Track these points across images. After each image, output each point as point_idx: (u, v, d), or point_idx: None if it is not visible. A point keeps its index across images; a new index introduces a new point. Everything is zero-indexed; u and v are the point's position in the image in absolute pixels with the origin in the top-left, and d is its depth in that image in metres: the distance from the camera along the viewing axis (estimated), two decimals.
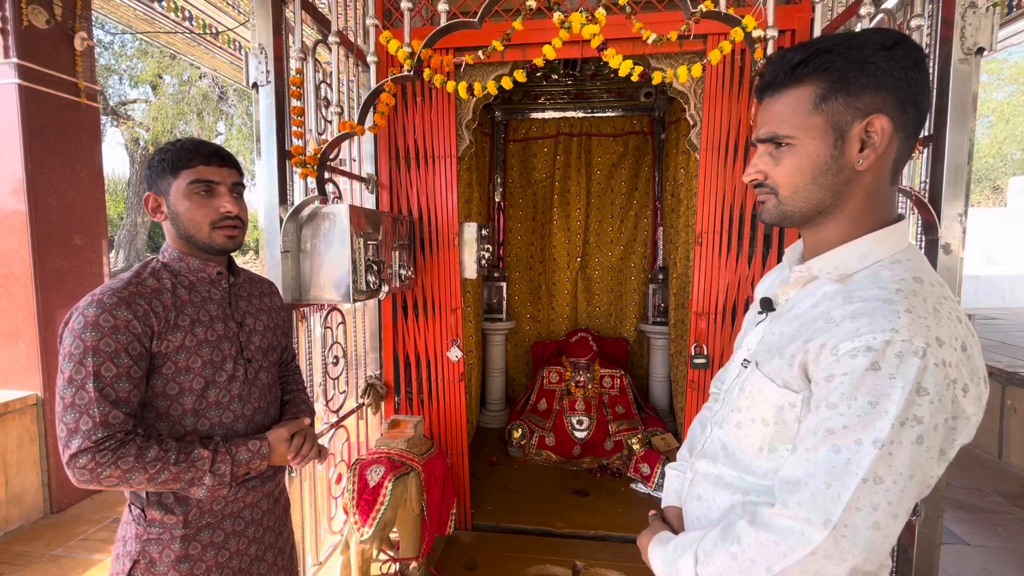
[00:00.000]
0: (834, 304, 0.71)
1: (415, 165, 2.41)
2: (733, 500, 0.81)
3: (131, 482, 0.96)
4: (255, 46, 1.72)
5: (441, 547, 2.40)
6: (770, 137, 0.77)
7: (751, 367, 0.82)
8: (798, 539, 0.66)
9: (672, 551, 0.82)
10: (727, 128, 2.16)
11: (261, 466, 1.08)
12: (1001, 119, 14.76)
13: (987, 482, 3.26)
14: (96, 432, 0.93)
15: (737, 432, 0.82)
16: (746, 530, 0.71)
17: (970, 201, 1.46)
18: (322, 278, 1.82)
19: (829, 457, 0.65)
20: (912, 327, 0.63)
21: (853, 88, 0.70)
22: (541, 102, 3.92)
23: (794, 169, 0.75)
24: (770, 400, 0.76)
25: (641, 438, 3.18)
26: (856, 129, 0.71)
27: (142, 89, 11.56)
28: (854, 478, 0.63)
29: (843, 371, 0.65)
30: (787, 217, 0.79)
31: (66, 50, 2.98)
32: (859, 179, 0.73)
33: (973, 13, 1.42)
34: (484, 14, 1.63)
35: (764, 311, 0.88)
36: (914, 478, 0.64)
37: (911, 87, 0.70)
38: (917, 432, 0.63)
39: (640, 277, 4.08)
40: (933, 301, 0.67)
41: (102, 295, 0.98)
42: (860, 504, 0.63)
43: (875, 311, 0.65)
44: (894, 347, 0.63)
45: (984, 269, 10.09)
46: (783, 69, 0.74)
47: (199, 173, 1.07)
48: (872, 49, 0.69)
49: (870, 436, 0.63)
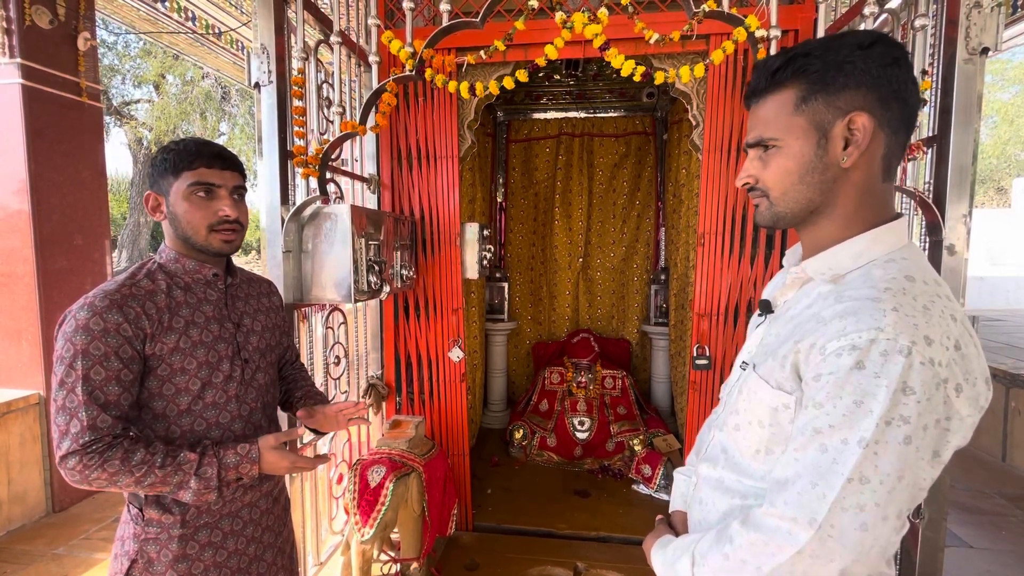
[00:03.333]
0: (825, 304, 0.72)
1: (417, 165, 2.41)
2: (732, 504, 0.81)
3: (119, 484, 0.96)
4: (257, 46, 1.72)
5: (442, 548, 2.39)
6: (757, 141, 0.78)
7: (749, 369, 0.82)
8: (785, 539, 0.66)
9: (671, 553, 0.82)
10: (729, 129, 2.15)
11: (252, 471, 1.06)
12: (1005, 120, 14.68)
13: (990, 484, 3.24)
14: (84, 435, 0.93)
15: (735, 435, 0.83)
16: (738, 530, 0.71)
17: (974, 202, 1.45)
18: (324, 278, 1.82)
19: (816, 457, 0.65)
20: (898, 325, 0.63)
21: (832, 88, 0.72)
22: (543, 102, 3.92)
23: (781, 170, 0.76)
24: (765, 402, 0.76)
25: (643, 439, 3.17)
26: (838, 127, 0.72)
27: (145, 89, 11.61)
28: (839, 477, 0.63)
29: (829, 370, 0.65)
30: (780, 218, 0.80)
31: (69, 50, 2.98)
32: (847, 177, 0.74)
33: (978, 13, 1.41)
34: (486, 14, 1.63)
35: (763, 313, 0.89)
36: (903, 479, 0.63)
37: (892, 83, 0.71)
38: (904, 432, 0.62)
39: (642, 278, 4.07)
40: (924, 299, 0.66)
41: (94, 298, 0.98)
42: (846, 504, 0.63)
43: (861, 310, 0.66)
44: (879, 345, 0.62)
45: (988, 270, 10.05)
46: (765, 75, 0.76)
47: (200, 175, 1.06)
48: (849, 49, 0.71)
49: (856, 435, 0.63)
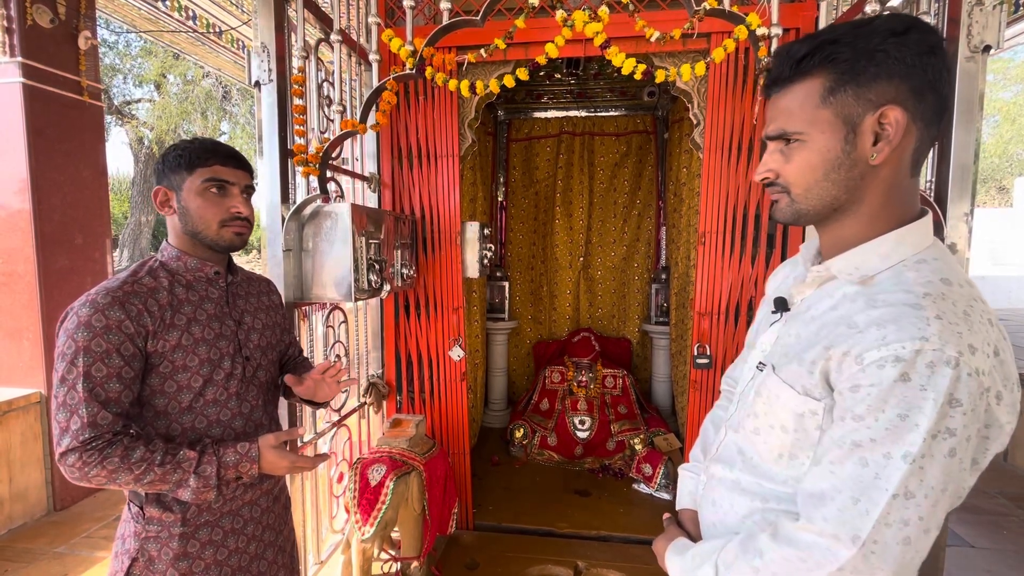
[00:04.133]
0: (856, 308, 0.68)
1: (417, 164, 2.41)
2: (752, 506, 0.79)
3: (119, 482, 0.96)
4: (257, 45, 1.72)
5: (442, 547, 2.39)
6: (779, 134, 0.74)
7: (767, 371, 0.79)
8: (824, 555, 0.63)
9: (691, 560, 0.80)
10: (730, 127, 2.14)
11: (252, 470, 1.06)
12: (1007, 119, 14.64)
13: (992, 484, 3.24)
14: (84, 432, 0.93)
15: (755, 438, 0.80)
16: (768, 544, 0.69)
17: (976, 201, 1.45)
18: (324, 277, 1.82)
19: (856, 471, 0.63)
20: (943, 335, 0.59)
21: (863, 79, 0.66)
22: (544, 101, 3.91)
23: (805, 166, 0.72)
24: (789, 407, 0.73)
25: (643, 438, 3.17)
26: (868, 122, 0.67)
27: (146, 88, 11.61)
28: (884, 493, 0.60)
29: (870, 382, 0.62)
30: (802, 215, 0.75)
31: (70, 49, 2.98)
32: (875, 173, 0.70)
33: (980, 11, 1.40)
34: (486, 12, 1.62)
35: (779, 311, 0.85)
36: (946, 491, 0.61)
37: (927, 73, 0.66)
38: (950, 445, 0.59)
39: (643, 277, 4.06)
40: (963, 305, 0.63)
41: (96, 295, 0.98)
42: (890, 520, 0.60)
43: (902, 317, 0.62)
44: (925, 357, 0.59)
45: (990, 270, 10.05)
46: (788, 63, 0.71)
47: (215, 172, 1.08)
48: (881, 36, 0.65)
49: (900, 450, 0.60)
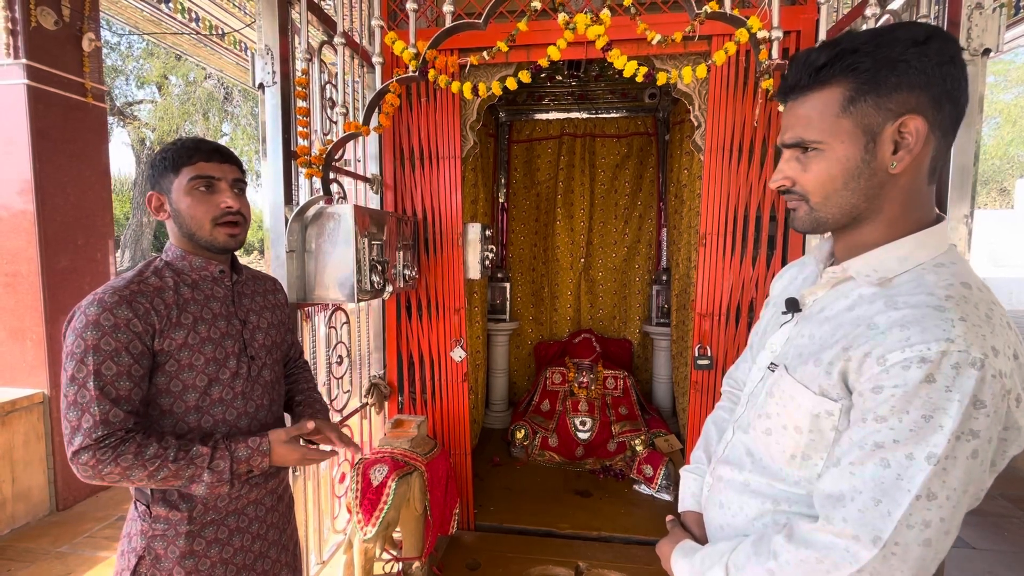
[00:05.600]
0: (875, 309, 0.68)
1: (419, 165, 2.42)
2: (763, 508, 0.78)
3: (132, 479, 0.97)
4: (261, 47, 1.73)
5: (444, 547, 2.40)
6: (796, 142, 0.73)
7: (779, 371, 0.78)
8: (843, 556, 0.63)
9: (700, 563, 0.79)
10: (731, 129, 2.15)
11: (263, 464, 1.07)
12: (1008, 121, 14.67)
13: (993, 486, 3.18)
14: (97, 430, 0.94)
15: (766, 439, 0.79)
16: (783, 546, 0.68)
17: (976, 203, 1.45)
18: (327, 278, 1.83)
19: (877, 472, 0.62)
20: (968, 336, 0.60)
21: (883, 88, 0.66)
22: (545, 103, 3.92)
23: (824, 175, 0.71)
24: (804, 407, 0.72)
25: (644, 439, 3.17)
26: (888, 131, 0.68)
27: (148, 90, 11.65)
28: (906, 495, 0.60)
29: (893, 383, 0.62)
30: (821, 224, 0.75)
31: (74, 51, 3.00)
32: (895, 182, 0.70)
33: (979, 14, 1.41)
34: (489, 15, 1.64)
35: (790, 311, 0.84)
36: (967, 493, 0.62)
37: (947, 83, 0.66)
38: (973, 447, 0.60)
39: (644, 278, 4.07)
40: (984, 308, 0.64)
41: (103, 294, 0.99)
42: (912, 521, 0.60)
43: (926, 319, 0.62)
44: (950, 358, 0.59)
45: (991, 271, 10.06)
46: (807, 71, 0.70)
47: (199, 169, 1.08)
48: (903, 46, 0.65)
49: (923, 451, 0.60)
